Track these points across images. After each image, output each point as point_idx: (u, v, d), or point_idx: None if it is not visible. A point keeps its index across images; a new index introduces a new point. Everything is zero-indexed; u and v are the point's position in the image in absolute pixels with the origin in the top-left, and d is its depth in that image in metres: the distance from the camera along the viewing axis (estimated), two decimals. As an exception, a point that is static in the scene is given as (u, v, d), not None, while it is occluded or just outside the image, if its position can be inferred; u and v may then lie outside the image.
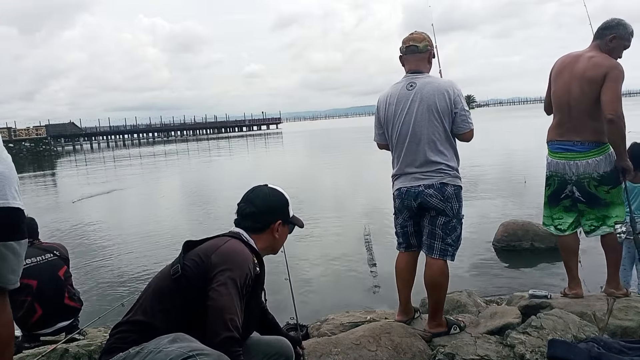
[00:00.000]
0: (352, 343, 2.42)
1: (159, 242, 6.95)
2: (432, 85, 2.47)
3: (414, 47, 2.52)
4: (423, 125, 2.46)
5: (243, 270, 1.55)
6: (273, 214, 1.81)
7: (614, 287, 2.84)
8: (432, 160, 2.47)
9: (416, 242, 2.68)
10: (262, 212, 1.79)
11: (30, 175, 20.87)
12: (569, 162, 2.77)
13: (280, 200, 1.86)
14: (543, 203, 3.04)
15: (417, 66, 2.55)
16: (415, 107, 2.48)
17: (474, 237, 5.80)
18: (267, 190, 1.86)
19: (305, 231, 6.83)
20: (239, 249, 1.63)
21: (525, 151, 15.49)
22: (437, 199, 2.48)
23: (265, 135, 60.21)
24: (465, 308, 3.25)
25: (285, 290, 2.88)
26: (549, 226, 3.02)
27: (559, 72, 2.84)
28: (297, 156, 23.65)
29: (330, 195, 10.55)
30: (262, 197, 1.83)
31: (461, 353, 2.36)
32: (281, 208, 1.85)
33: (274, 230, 1.81)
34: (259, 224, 1.79)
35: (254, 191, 1.86)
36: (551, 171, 2.90)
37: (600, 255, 3.04)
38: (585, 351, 2.15)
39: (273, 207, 1.83)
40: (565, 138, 2.79)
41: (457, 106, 2.46)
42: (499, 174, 11.04)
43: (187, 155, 28.06)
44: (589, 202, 2.79)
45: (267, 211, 1.80)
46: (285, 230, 1.88)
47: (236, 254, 1.60)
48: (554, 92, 2.86)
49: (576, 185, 2.78)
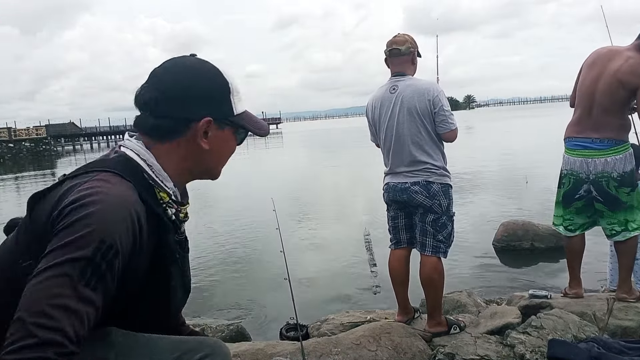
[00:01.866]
0: (352, 343, 2.42)
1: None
2: (412, 87, 2.53)
3: (396, 50, 2.59)
4: (405, 127, 2.53)
5: (103, 239, 0.82)
6: (195, 103, 1.01)
7: (625, 292, 2.78)
8: (418, 160, 2.53)
9: (406, 237, 2.71)
10: (172, 98, 1.00)
11: (30, 175, 20.90)
12: (587, 159, 2.68)
13: (211, 79, 1.05)
14: (555, 202, 2.96)
15: (400, 68, 2.62)
16: (397, 110, 2.55)
17: (474, 237, 5.80)
18: (189, 63, 1.05)
19: (305, 231, 6.85)
20: (103, 193, 0.87)
21: (526, 151, 15.48)
22: (423, 195, 2.52)
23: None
24: (465, 308, 3.24)
25: (285, 290, 2.88)
26: (558, 226, 2.96)
27: (591, 64, 2.73)
28: (296, 156, 23.65)
29: (330, 195, 10.55)
30: (177, 73, 1.03)
31: (461, 353, 2.36)
32: (212, 93, 1.04)
33: (197, 134, 1.02)
34: (168, 123, 1.00)
35: (165, 64, 1.05)
36: (567, 169, 2.81)
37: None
38: (585, 351, 2.15)
39: (195, 90, 1.02)
40: (583, 135, 2.70)
41: (437, 107, 2.50)
42: (499, 174, 11.04)
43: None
44: (610, 205, 2.70)
45: (183, 97, 1.00)
46: (223, 136, 1.06)
47: (94, 206, 0.84)
48: (580, 84, 2.76)
49: (593, 184, 2.69)
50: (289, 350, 2.45)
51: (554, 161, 12.45)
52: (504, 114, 74.66)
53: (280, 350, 2.46)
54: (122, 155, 1.00)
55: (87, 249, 0.81)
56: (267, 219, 5.76)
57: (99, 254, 0.82)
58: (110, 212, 0.85)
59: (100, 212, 0.84)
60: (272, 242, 5.52)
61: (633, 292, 2.80)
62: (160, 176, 1.01)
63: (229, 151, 1.12)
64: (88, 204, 0.84)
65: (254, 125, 1.11)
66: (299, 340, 2.35)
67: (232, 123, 1.07)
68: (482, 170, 11.61)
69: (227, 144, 1.10)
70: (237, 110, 1.07)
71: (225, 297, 4.43)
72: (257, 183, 13.09)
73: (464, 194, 8.47)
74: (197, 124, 1.01)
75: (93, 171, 0.94)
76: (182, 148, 1.03)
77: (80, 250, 0.80)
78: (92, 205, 0.84)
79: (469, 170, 11.36)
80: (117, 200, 0.88)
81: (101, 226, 0.83)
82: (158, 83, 1.02)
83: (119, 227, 0.85)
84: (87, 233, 0.82)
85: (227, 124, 1.06)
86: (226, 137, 1.08)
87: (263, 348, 2.51)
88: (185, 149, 1.03)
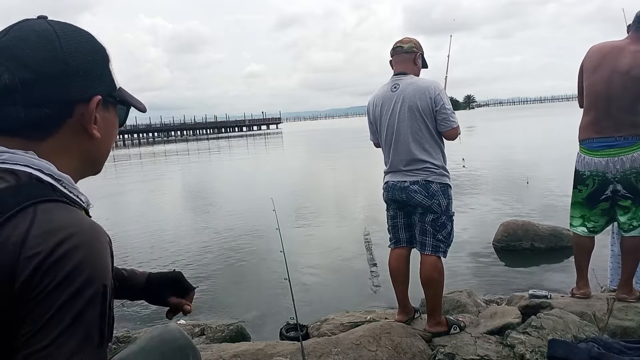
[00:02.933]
0: (352, 343, 2.42)
1: (153, 248, 6.96)
2: (414, 85, 2.55)
3: (399, 48, 2.65)
4: (406, 125, 2.55)
5: (97, 289, 0.68)
6: (77, 78, 0.77)
7: (626, 292, 2.78)
8: (418, 159, 2.54)
9: (405, 237, 2.72)
10: (48, 76, 0.74)
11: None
12: (613, 158, 2.67)
13: (87, 45, 0.80)
14: (572, 203, 2.94)
15: (402, 67, 2.65)
16: (398, 108, 2.57)
17: (474, 237, 5.80)
18: (48, 27, 0.77)
19: (305, 231, 6.84)
20: (77, 234, 0.68)
21: (526, 151, 15.48)
22: (422, 195, 2.53)
23: (265, 135, 60.24)
24: (465, 308, 3.24)
25: (285, 290, 2.88)
26: (576, 227, 2.92)
27: (597, 64, 2.71)
28: (296, 156, 23.66)
29: (330, 195, 10.55)
30: (42, 43, 0.75)
31: (461, 353, 2.36)
32: (93, 63, 0.80)
33: (85, 119, 0.79)
34: (47, 111, 0.75)
35: (12, 33, 0.75)
36: (590, 171, 2.77)
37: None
38: (585, 351, 2.15)
39: (75, 61, 0.77)
40: (604, 134, 2.69)
41: (438, 105, 2.51)
42: (500, 174, 11.04)
43: (187, 154, 28.09)
44: (637, 200, 2.69)
45: (62, 73, 0.75)
46: (110, 118, 0.86)
47: (77, 253, 0.67)
48: (589, 86, 2.75)
49: (621, 182, 2.68)
50: (289, 350, 2.46)
51: (554, 161, 12.48)
52: (504, 113, 74.70)
53: (280, 351, 2.47)
54: (23, 177, 0.72)
55: (96, 308, 0.67)
56: (267, 219, 5.77)
57: (106, 304, 0.70)
58: (98, 253, 0.70)
59: (88, 259, 0.67)
60: (272, 242, 5.53)
61: (633, 293, 2.80)
62: (74, 189, 0.79)
63: (115, 137, 0.90)
64: (69, 254, 0.66)
65: (134, 100, 0.91)
66: (299, 340, 2.35)
67: (116, 100, 0.86)
68: (483, 170, 11.61)
69: (114, 128, 0.88)
70: (117, 82, 0.86)
71: (225, 297, 4.43)
72: (257, 183, 13.09)
73: (464, 193, 8.47)
74: (84, 107, 0.78)
75: (23, 209, 0.68)
76: (64, 142, 0.78)
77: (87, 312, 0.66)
78: (74, 254, 0.66)
79: (469, 170, 11.36)
80: (94, 233, 0.71)
81: (96, 274, 0.68)
82: (18, 58, 0.73)
83: (106, 263, 0.72)
84: (88, 294, 0.66)
85: (110, 102, 0.85)
86: (112, 118, 0.86)
87: (263, 348, 2.52)
88: (68, 142, 0.79)
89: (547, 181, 9.20)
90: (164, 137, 79.19)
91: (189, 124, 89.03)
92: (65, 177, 0.77)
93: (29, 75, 0.73)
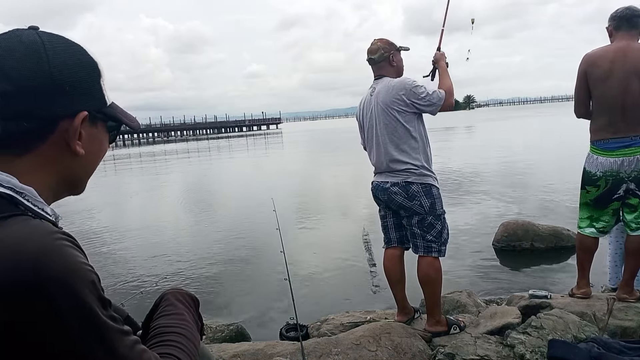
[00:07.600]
0: (352, 343, 2.42)
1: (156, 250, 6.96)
2: (386, 87, 2.61)
3: (370, 60, 2.72)
4: (382, 126, 2.61)
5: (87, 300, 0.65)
6: (63, 93, 0.74)
7: (627, 293, 2.78)
8: (397, 159, 2.57)
9: (396, 237, 2.76)
10: (30, 89, 0.71)
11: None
12: (629, 158, 2.67)
13: (76, 58, 0.77)
14: (580, 204, 2.94)
15: (379, 72, 2.73)
16: (375, 111, 2.64)
17: (474, 237, 5.80)
18: (36, 39, 0.74)
19: (305, 231, 6.85)
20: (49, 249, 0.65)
21: (526, 151, 15.48)
22: (402, 196, 2.56)
23: (265, 135, 60.23)
24: (465, 308, 3.24)
25: (285, 290, 2.88)
26: (584, 228, 2.92)
27: (608, 71, 2.67)
28: (296, 156, 23.66)
29: (329, 195, 10.55)
30: (28, 54, 0.72)
31: (461, 353, 2.36)
32: (82, 78, 0.77)
33: (69, 136, 0.75)
34: (26, 126, 0.71)
35: None
36: (603, 171, 2.76)
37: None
38: (585, 351, 2.15)
39: (61, 74, 0.73)
40: (620, 135, 2.69)
41: (415, 96, 2.53)
42: (500, 174, 11.04)
43: (187, 154, 28.09)
44: None
45: (46, 86, 0.72)
46: (97, 135, 0.82)
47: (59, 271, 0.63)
48: (602, 94, 2.72)
49: (634, 180, 2.68)
50: (289, 350, 2.46)
51: (554, 161, 12.47)
52: (504, 113, 74.69)
53: (280, 351, 2.47)
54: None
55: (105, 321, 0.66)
56: (267, 219, 5.76)
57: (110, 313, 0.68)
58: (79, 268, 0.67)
59: (70, 275, 0.64)
60: (272, 242, 5.51)
61: (634, 293, 2.80)
62: (38, 204, 0.74)
63: (102, 154, 0.86)
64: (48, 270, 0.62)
65: (127, 117, 0.87)
66: (299, 341, 2.35)
67: (106, 116, 0.83)
68: (483, 170, 11.61)
69: (102, 145, 0.85)
70: (109, 99, 0.83)
71: (225, 297, 4.43)
72: (257, 183, 13.08)
73: (464, 193, 8.47)
74: (68, 123, 0.75)
75: None
76: (45, 159, 0.75)
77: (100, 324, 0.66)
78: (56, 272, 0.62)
79: (469, 170, 11.36)
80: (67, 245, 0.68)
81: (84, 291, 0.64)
82: (0, 70, 0.70)
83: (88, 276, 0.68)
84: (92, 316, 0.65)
85: (99, 118, 0.81)
86: (100, 135, 0.83)
87: (263, 348, 2.52)
88: (49, 159, 0.75)
89: (547, 180, 9.20)
90: (164, 137, 79.27)
91: (189, 124, 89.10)
92: (28, 189, 0.72)
93: (10, 88, 0.70)
